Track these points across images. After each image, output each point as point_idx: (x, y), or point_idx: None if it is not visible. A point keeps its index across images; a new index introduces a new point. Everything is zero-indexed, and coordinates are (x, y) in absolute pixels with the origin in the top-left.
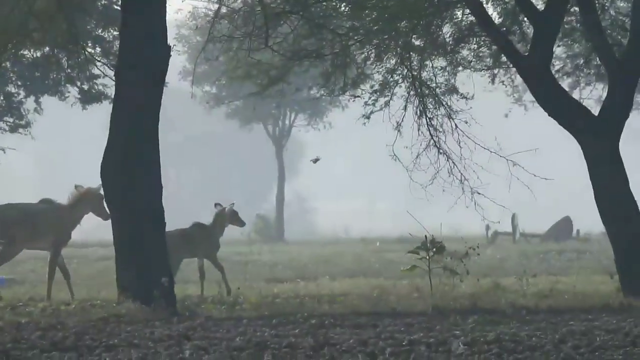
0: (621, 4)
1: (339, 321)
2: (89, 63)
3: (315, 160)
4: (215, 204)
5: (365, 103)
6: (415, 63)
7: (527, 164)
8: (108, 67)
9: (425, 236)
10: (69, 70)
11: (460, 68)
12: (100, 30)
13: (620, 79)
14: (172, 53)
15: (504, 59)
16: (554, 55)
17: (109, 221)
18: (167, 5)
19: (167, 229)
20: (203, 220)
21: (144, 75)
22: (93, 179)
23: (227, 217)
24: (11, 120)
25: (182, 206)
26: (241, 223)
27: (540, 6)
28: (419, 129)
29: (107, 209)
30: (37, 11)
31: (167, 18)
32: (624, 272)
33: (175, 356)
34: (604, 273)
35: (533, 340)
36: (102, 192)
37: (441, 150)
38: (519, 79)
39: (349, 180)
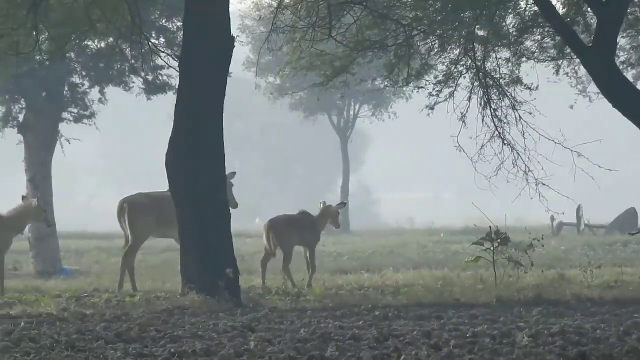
0: None
1: (403, 313)
2: (153, 54)
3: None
4: (321, 202)
5: (430, 94)
6: (479, 54)
7: (591, 155)
8: (172, 57)
9: (490, 227)
10: (133, 61)
11: (524, 59)
12: (164, 21)
13: None
14: (235, 44)
15: (568, 50)
16: (618, 46)
17: None
18: None
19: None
20: (269, 211)
21: (208, 66)
22: (157, 170)
23: (332, 214)
24: (76, 111)
25: (247, 196)
26: (338, 225)
27: None
28: (483, 120)
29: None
30: (101, 2)
31: (230, 9)
32: None
33: (239, 348)
34: None
35: (597, 332)
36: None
37: (505, 142)
38: (583, 70)
39: (413, 171)
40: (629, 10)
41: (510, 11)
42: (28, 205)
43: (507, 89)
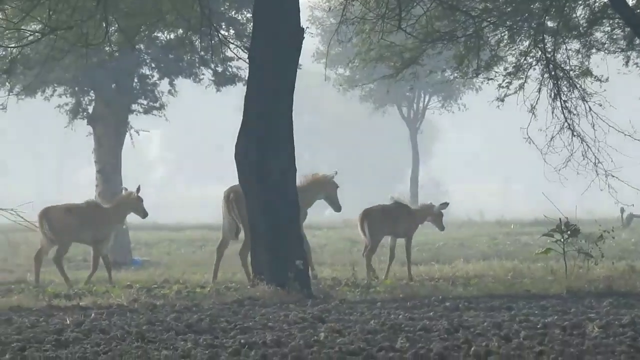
0: None
1: (473, 304)
2: (222, 45)
3: None
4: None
5: (499, 85)
6: (549, 45)
7: None
8: (242, 49)
9: (560, 219)
10: (202, 53)
11: (593, 50)
12: (233, 12)
13: None
14: (305, 35)
15: (637, 41)
16: None
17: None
18: None
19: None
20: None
21: (277, 57)
22: (227, 162)
23: (434, 214)
24: (145, 102)
25: None
26: (441, 226)
27: None
28: (553, 112)
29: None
30: None
31: (300, 0)
32: None
33: (309, 338)
34: None
35: None
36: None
37: (575, 133)
38: None
39: (483, 162)
40: None
41: (579, 2)
42: (127, 195)
43: (576, 80)
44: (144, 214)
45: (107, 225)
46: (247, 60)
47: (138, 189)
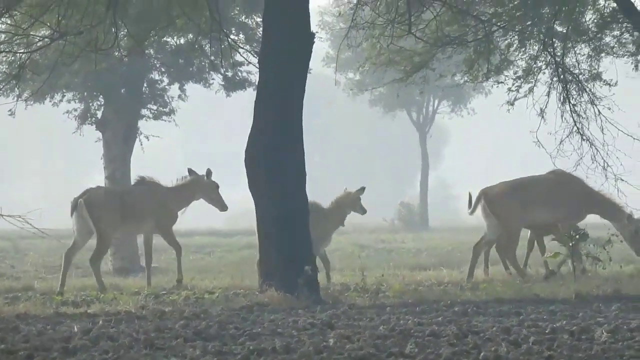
0: None
1: (482, 309)
2: (232, 50)
3: None
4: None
5: (509, 89)
6: (558, 49)
7: None
8: (252, 54)
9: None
10: (212, 57)
11: (603, 54)
12: (243, 17)
13: None
14: (315, 40)
15: None
16: None
17: (254, 210)
18: None
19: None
20: None
21: (287, 62)
22: (235, 166)
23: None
24: (155, 107)
25: (327, 192)
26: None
27: None
28: (562, 116)
29: None
30: None
31: (310, 5)
32: None
33: (318, 344)
34: None
35: None
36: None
37: (584, 137)
38: None
39: (492, 166)
40: None
41: (589, 7)
42: (346, 195)
43: (586, 84)
44: (363, 211)
45: (327, 226)
46: (257, 65)
47: (362, 191)
